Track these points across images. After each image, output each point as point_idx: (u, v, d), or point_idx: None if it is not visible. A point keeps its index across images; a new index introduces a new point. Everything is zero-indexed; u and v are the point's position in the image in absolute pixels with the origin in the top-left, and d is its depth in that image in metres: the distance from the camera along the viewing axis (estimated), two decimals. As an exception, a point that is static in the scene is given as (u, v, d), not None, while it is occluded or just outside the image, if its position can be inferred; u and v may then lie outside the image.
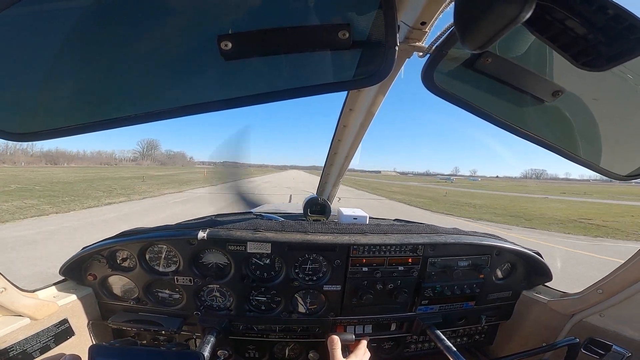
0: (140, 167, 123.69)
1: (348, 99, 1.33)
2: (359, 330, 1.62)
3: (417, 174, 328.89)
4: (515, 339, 1.77)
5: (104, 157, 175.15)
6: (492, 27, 0.47)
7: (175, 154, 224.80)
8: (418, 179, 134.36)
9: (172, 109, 0.66)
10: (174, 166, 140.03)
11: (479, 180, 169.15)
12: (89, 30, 0.58)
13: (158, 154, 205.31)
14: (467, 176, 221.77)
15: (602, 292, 1.34)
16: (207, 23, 0.60)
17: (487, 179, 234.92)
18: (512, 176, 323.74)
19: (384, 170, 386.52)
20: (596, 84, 0.80)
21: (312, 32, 0.63)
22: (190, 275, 1.47)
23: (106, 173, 50.29)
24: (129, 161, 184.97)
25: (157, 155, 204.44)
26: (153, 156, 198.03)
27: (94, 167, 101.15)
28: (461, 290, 1.59)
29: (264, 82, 0.71)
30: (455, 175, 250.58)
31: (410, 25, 0.82)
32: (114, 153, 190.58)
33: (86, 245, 1.51)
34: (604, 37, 0.46)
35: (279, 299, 1.54)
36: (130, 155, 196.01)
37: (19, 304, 1.18)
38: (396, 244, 1.48)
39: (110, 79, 0.64)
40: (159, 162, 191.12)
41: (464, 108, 0.87)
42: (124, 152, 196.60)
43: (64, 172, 47.27)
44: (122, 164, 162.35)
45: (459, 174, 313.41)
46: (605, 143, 0.88)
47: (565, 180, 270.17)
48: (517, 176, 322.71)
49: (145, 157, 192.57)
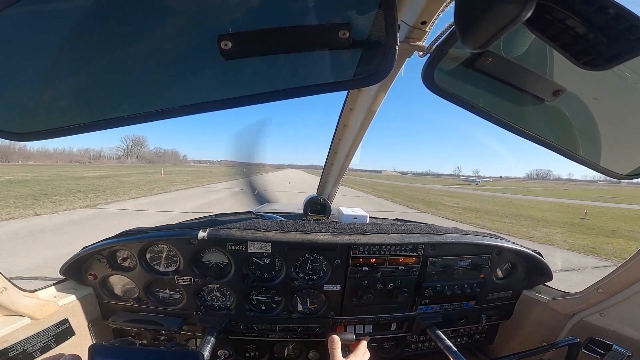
0: (116, 165, 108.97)
1: (348, 98, 1.34)
2: (359, 330, 1.62)
3: (417, 174, 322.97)
4: (516, 338, 1.77)
5: (76, 156, 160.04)
6: (493, 27, 0.47)
7: (164, 152, 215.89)
8: (436, 181, 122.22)
9: (173, 109, 0.66)
10: (155, 165, 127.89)
11: (491, 181, 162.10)
12: (89, 29, 0.58)
13: (145, 151, 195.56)
14: (469, 176, 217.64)
15: (603, 291, 1.34)
16: (207, 23, 0.60)
17: (499, 179, 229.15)
18: (513, 177, 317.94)
19: (384, 170, 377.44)
20: (596, 84, 0.80)
21: (312, 31, 0.63)
22: (190, 275, 1.47)
23: (66, 172, 41.02)
24: (110, 159, 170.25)
25: (145, 153, 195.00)
26: (140, 154, 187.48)
27: (62, 165, 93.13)
28: (461, 289, 1.59)
29: (264, 82, 0.71)
30: (478, 176, 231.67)
31: (411, 25, 0.82)
32: (87, 151, 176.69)
33: (86, 245, 1.51)
34: (605, 36, 0.45)
35: (279, 298, 1.54)
36: (113, 153, 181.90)
37: (20, 304, 1.18)
38: (396, 244, 1.48)
39: (110, 78, 0.64)
40: (146, 160, 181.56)
41: (464, 107, 0.87)
42: (103, 150, 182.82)
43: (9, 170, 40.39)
44: (100, 161, 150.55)
45: (460, 174, 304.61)
46: (606, 142, 0.88)
47: (584, 182, 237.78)
48: (520, 177, 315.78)
49: (130, 155, 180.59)
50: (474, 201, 31.09)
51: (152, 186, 25.43)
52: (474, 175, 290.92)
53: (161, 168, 67.09)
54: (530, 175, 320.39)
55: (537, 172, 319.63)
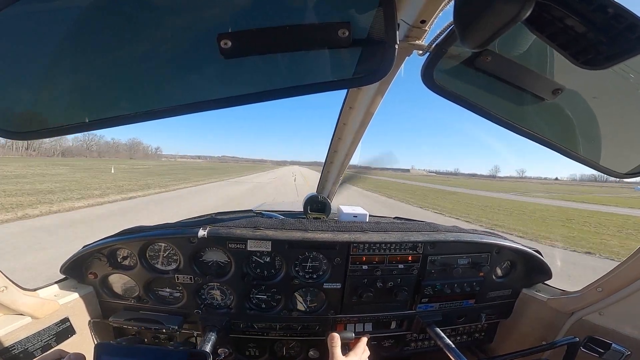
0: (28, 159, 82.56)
1: (348, 97, 1.34)
2: (359, 328, 1.62)
3: (450, 173, 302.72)
4: (515, 337, 1.78)
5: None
6: (492, 26, 0.47)
7: (120, 145, 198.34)
8: (498, 186, 77.27)
9: (173, 108, 0.66)
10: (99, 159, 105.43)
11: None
12: (89, 28, 0.58)
13: (101, 143, 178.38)
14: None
15: (602, 290, 1.34)
16: (206, 22, 0.60)
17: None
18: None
19: (413, 169, 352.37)
20: (596, 82, 0.81)
21: (312, 30, 0.63)
22: (190, 273, 1.48)
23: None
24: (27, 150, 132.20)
25: (101, 145, 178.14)
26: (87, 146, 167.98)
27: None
28: (461, 288, 1.60)
29: (264, 81, 0.71)
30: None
31: (410, 24, 0.82)
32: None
33: (87, 244, 1.52)
34: (604, 36, 0.46)
35: (279, 297, 1.55)
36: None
37: (20, 303, 1.19)
38: (396, 242, 1.48)
39: (110, 77, 0.64)
40: (96, 153, 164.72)
41: (463, 106, 0.87)
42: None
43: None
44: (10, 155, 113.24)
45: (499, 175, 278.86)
46: (605, 141, 0.88)
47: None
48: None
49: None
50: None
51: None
52: (519, 175, 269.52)
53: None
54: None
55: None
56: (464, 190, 47.64)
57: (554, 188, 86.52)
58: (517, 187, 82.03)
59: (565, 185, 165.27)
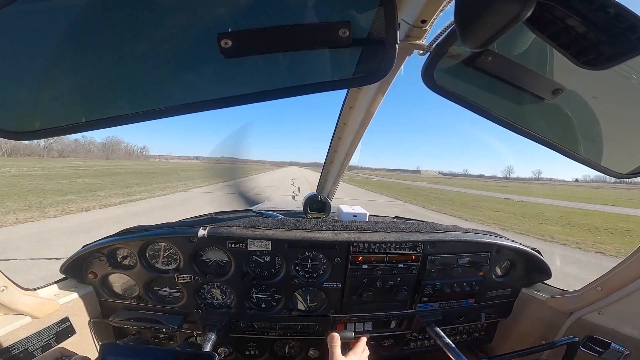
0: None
1: (348, 96, 1.33)
2: (359, 328, 1.62)
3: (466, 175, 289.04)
4: (514, 336, 1.78)
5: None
6: (493, 26, 0.47)
7: (93, 144, 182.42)
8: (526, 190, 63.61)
9: (173, 107, 0.66)
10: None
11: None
12: (89, 27, 0.58)
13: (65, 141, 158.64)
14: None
15: (601, 289, 1.35)
16: (207, 21, 0.60)
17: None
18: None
19: (424, 170, 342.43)
20: (596, 82, 0.81)
21: (313, 30, 0.63)
22: (190, 273, 1.47)
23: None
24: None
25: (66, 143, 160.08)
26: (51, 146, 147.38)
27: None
28: (461, 287, 1.60)
29: (264, 80, 0.71)
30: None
31: (411, 23, 0.82)
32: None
33: (86, 244, 1.51)
34: (605, 36, 0.45)
35: (279, 296, 1.55)
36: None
37: (20, 303, 1.19)
38: (396, 242, 1.48)
39: (110, 77, 0.64)
40: (57, 152, 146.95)
41: (464, 106, 0.87)
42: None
43: None
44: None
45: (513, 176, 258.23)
46: (606, 141, 0.88)
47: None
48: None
49: (45, 148, 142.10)
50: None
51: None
52: (535, 176, 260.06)
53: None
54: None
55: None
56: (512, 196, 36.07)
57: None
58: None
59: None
